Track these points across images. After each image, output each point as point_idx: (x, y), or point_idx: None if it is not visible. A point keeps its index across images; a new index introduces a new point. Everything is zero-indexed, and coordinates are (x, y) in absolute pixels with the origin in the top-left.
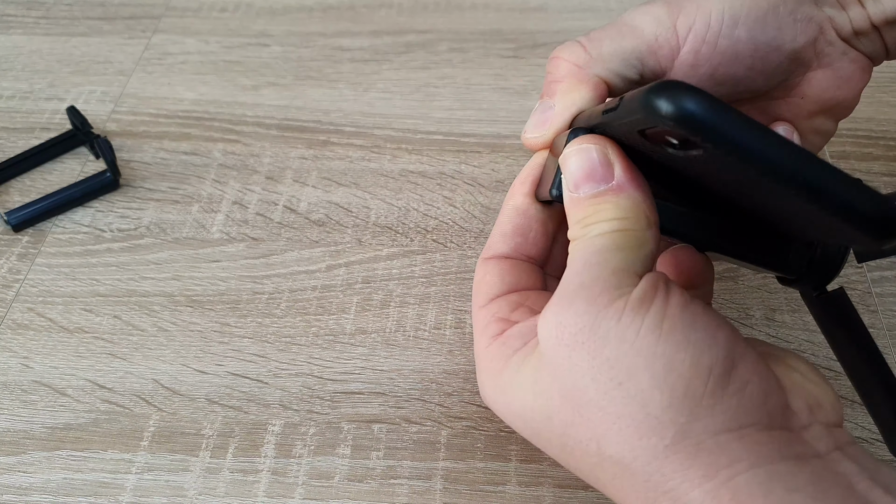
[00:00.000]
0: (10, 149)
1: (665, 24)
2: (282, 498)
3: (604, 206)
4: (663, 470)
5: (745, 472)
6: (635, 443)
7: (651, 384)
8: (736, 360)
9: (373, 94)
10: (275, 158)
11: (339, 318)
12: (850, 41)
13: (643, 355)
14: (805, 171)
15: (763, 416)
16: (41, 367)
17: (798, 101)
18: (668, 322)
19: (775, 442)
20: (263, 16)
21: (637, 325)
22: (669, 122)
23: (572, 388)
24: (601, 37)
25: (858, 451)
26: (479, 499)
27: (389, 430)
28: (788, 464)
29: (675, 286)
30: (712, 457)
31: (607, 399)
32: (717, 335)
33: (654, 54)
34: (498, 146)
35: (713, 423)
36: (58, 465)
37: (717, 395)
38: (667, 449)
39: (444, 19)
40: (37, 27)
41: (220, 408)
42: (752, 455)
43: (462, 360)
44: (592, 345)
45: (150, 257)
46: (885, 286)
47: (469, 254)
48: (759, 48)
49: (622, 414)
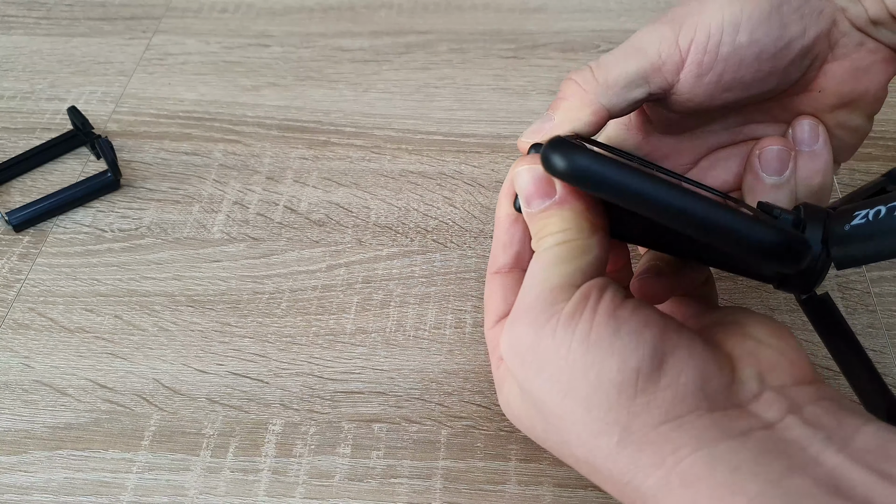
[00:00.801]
0: (11, 149)
1: (668, 40)
2: (282, 497)
3: (551, 219)
4: (619, 465)
5: (688, 456)
6: (591, 443)
7: (589, 391)
8: (666, 356)
9: (373, 95)
10: (275, 159)
11: (340, 318)
12: (868, 31)
13: (577, 367)
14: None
15: (701, 400)
16: (42, 367)
17: (817, 95)
18: (595, 332)
19: (717, 424)
20: (264, 16)
21: (568, 340)
22: (559, 177)
23: (536, 400)
24: (609, 63)
25: (820, 409)
26: (479, 498)
27: (389, 430)
28: (731, 443)
29: (607, 293)
30: (656, 447)
31: (561, 408)
32: (643, 336)
33: (659, 71)
34: (498, 146)
35: (651, 418)
36: (59, 464)
37: (649, 392)
38: (617, 446)
39: (444, 20)
40: (38, 28)
41: (221, 407)
42: (693, 440)
43: (462, 359)
44: (537, 362)
45: (151, 257)
46: (884, 286)
47: (469, 254)
48: (765, 50)
49: (575, 420)
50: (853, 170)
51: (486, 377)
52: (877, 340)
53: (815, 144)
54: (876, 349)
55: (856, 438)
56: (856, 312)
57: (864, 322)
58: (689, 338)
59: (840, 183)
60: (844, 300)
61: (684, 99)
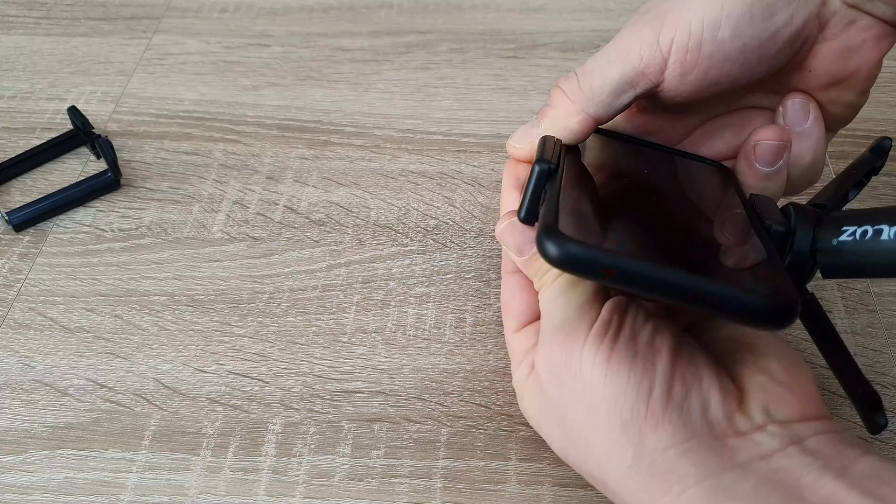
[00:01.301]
0: (12, 149)
1: (649, 41)
2: (282, 496)
3: None
4: (630, 487)
5: (692, 486)
6: (606, 465)
7: (606, 410)
8: (674, 380)
9: (373, 95)
10: (275, 158)
11: (340, 318)
12: (861, 6)
13: (598, 385)
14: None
15: (704, 427)
16: (42, 367)
17: (808, 74)
18: (616, 355)
19: (719, 453)
20: (264, 16)
21: (591, 359)
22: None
23: (563, 418)
24: (592, 69)
25: (822, 441)
26: (479, 497)
27: (389, 429)
28: (732, 473)
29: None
30: (664, 474)
31: (584, 427)
32: (657, 360)
33: (643, 74)
34: (498, 146)
35: (659, 441)
36: (59, 464)
37: (657, 414)
38: (629, 469)
39: (444, 19)
40: (38, 27)
41: (221, 407)
42: (697, 469)
43: (462, 359)
44: (568, 380)
45: (151, 257)
46: (884, 286)
47: (469, 253)
48: (749, 43)
49: (595, 441)
50: None
51: (486, 377)
52: (877, 340)
53: (804, 124)
54: (876, 349)
55: (853, 467)
56: (856, 312)
57: (864, 322)
58: (700, 364)
59: None
60: (844, 300)
61: (672, 95)
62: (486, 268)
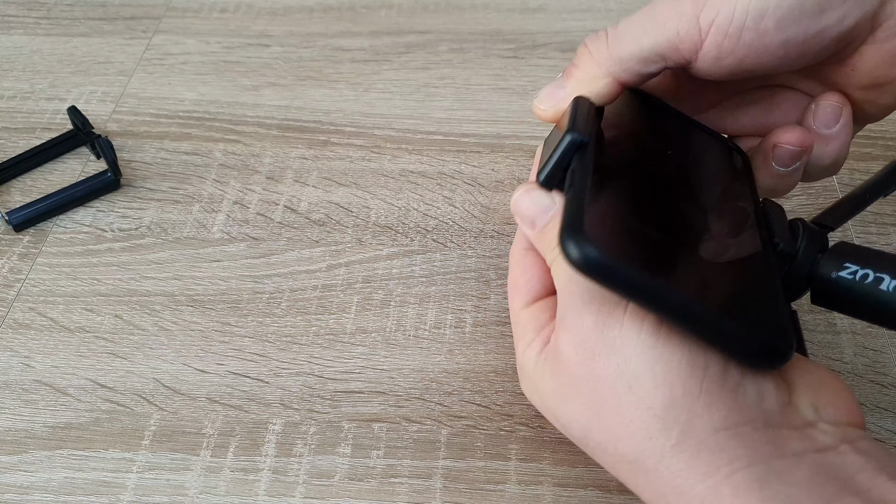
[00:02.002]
0: (12, 149)
1: (688, 16)
2: (282, 497)
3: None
4: (671, 468)
5: (743, 469)
6: (645, 444)
7: (653, 385)
8: (730, 361)
9: (373, 95)
10: (275, 158)
11: (340, 318)
12: None
13: (644, 358)
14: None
15: (759, 414)
16: (42, 367)
17: (849, 72)
18: (666, 326)
19: (773, 440)
20: (264, 16)
21: (636, 329)
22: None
23: (592, 395)
24: (624, 34)
25: (872, 445)
26: (479, 497)
27: (389, 429)
28: (785, 461)
29: None
30: (713, 455)
31: (621, 404)
32: None
33: (676, 49)
34: (498, 146)
35: (711, 421)
36: (59, 464)
37: (712, 393)
38: (673, 448)
39: (444, 20)
40: (38, 27)
41: (221, 407)
42: (750, 453)
43: (462, 359)
44: (603, 354)
45: (151, 257)
46: None
47: (469, 253)
48: (793, 38)
49: (633, 417)
50: (853, 170)
51: (486, 377)
52: (877, 340)
53: (833, 128)
54: (876, 349)
55: None
56: None
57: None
58: None
59: (840, 182)
60: None
61: (703, 75)
62: (486, 268)
